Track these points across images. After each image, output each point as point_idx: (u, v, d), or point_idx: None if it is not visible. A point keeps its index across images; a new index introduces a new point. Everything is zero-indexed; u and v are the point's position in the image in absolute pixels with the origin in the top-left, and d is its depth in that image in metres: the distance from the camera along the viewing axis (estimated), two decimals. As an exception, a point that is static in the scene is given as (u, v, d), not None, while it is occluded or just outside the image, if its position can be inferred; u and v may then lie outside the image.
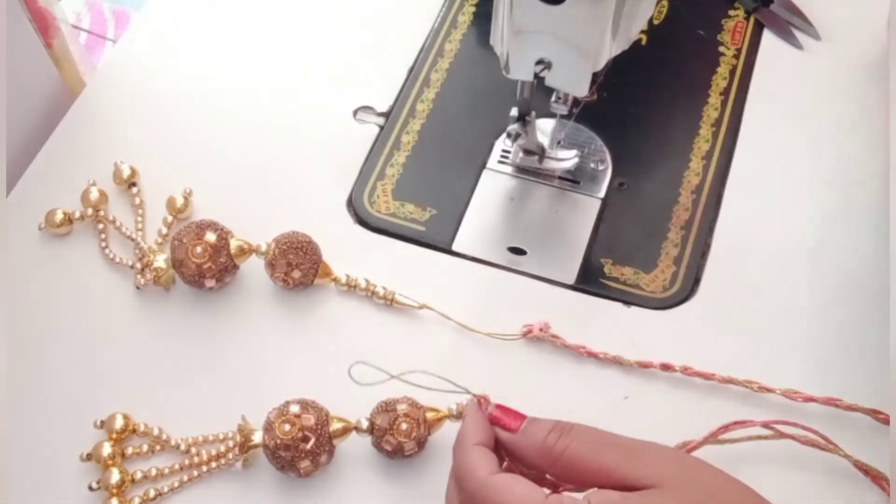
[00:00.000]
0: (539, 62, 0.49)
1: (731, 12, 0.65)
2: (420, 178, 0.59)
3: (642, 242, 0.55)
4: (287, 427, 0.47)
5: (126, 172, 0.58)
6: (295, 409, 0.47)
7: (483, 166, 0.59)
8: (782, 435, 0.47)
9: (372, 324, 0.54)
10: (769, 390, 0.49)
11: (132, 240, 0.56)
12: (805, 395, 0.49)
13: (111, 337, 0.54)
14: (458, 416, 0.48)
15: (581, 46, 0.47)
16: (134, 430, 0.50)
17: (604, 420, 0.40)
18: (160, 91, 0.63)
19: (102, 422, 0.50)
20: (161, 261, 0.54)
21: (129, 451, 0.49)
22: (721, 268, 0.55)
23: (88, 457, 0.49)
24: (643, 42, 0.64)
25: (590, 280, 0.54)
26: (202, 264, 0.52)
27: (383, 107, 0.61)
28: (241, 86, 0.63)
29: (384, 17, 0.66)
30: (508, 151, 0.59)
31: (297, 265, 0.53)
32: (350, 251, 0.55)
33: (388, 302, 0.53)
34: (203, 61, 0.64)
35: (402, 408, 0.47)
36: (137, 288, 0.54)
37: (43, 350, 0.53)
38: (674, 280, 0.54)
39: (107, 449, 0.49)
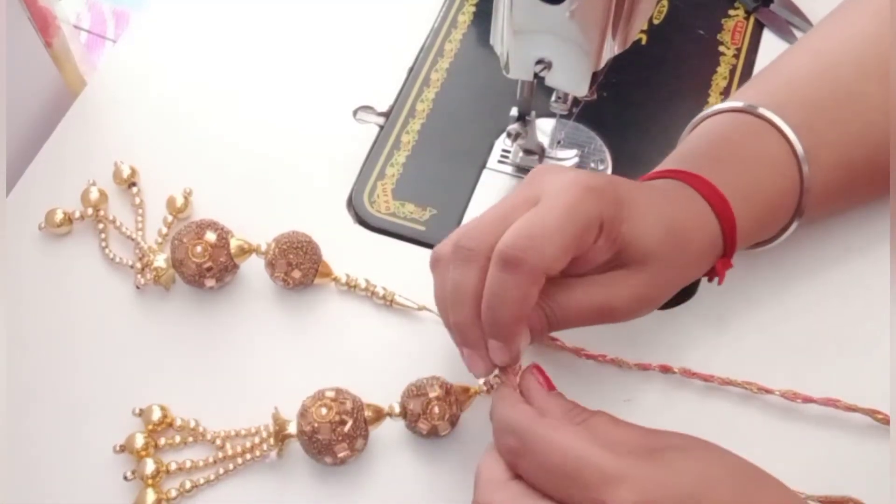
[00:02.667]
0: (539, 62, 0.49)
1: (731, 12, 0.65)
2: (420, 178, 0.59)
3: (642, 242, 0.55)
4: (324, 411, 0.47)
5: (126, 172, 0.58)
6: (330, 394, 0.48)
7: (483, 166, 0.59)
8: None
9: (372, 324, 0.54)
10: (768, 391, 0.49)
11: (132, 239, 0.56)
12: (804, 396, 0.49)
13: (111, 336, 0.54)
14: (489, 391, 0.49)
15: (581, 46, 0.47)
16: (171, 424, 0.50)
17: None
18: (160, 91, 0.63)
19: (141, 410, 0.50)
20: (161, 260, 0.54)
21: (162, 441, 0.50)
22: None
23: (122, 448, 0.49)
24: (643, 42, 0.64)
25: (590, 280, 0.54)
26: (202, 264, 0.52)
27: (383, 107, 0.61)
28: (241, 85, 0.63)
29: (384, 17, 0.66)
30: (508, 151, 0.59)
31: (297, 265, 0.53)
32: (350, 251, 0.55)
33: (388, 303, 0.53)
34: (203, 61, 0.64)
35: (433, 392, 0.48)
36: (137, 288, 0.54)
37: (43, 350, 0.53)
38: (674, 280, 0.54)
39: (139, 440, 0.49)
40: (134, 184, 0.58)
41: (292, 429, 0.48)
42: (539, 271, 0.41)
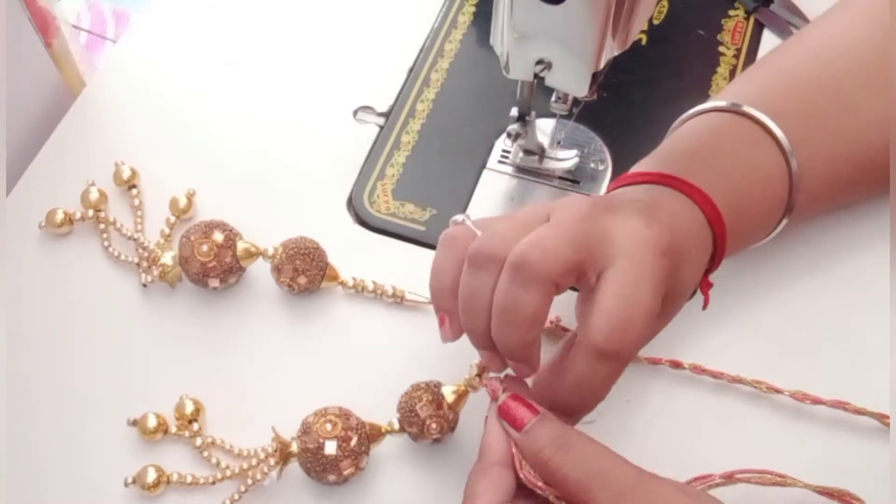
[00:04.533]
0: (539, 62, 0.49)
1: (731, 12, 0.65)
2: (420, 178, 0.59)
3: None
4: (329, 427, 0.46)
5: (126, 174, 0.58)
6: (335, 409, 0.47)
7: (483, 166, 0.59)
8: (738, 480, 0.45)
9: (382, 324, 0.54)
10: (778, 391, 0.49)
11: (134, 240, 0.56)
12: (814, 398, 0.49)
13: (112, 336, 0.54)
14: (475, 388, 0.47)
15: (581, 46, 0.47)
16: (166, 431, 0.50)
17: (611, 416, 0.41)
18: (160, 91, 0.63)
19: (136, 420, 0.50)
20: (168, 258, 0.54)
21: (175, 477, 0.48)
22: (721, 268, 0.55)
23: (133, 481, 0.48)
24: (643, 42, 0.64)
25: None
26: (207, 263, 0.52)
27: (383, 107, 0.61)
28: (241, 86, 0.63)
29: (384, 17, 0.66)
30: (508, 151, 0.59)
31: (304, 271, 0.52)
32: (350, 251, 0.55)
33: (398, 300, 0.53)
34: (203, 61, 0.64)
35: (424, 411, 0.47)
36: (144, 286, 0.54)
37: (44, 349, 0.53)
38: (674, 280, 0.54)
39: (152, 475, 0.48)
40: (134, 186, 0.58)
41: (295, 447, 0.47)
42: (548, 279, 0.40)
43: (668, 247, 0.42)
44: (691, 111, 0.52)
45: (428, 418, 0.47)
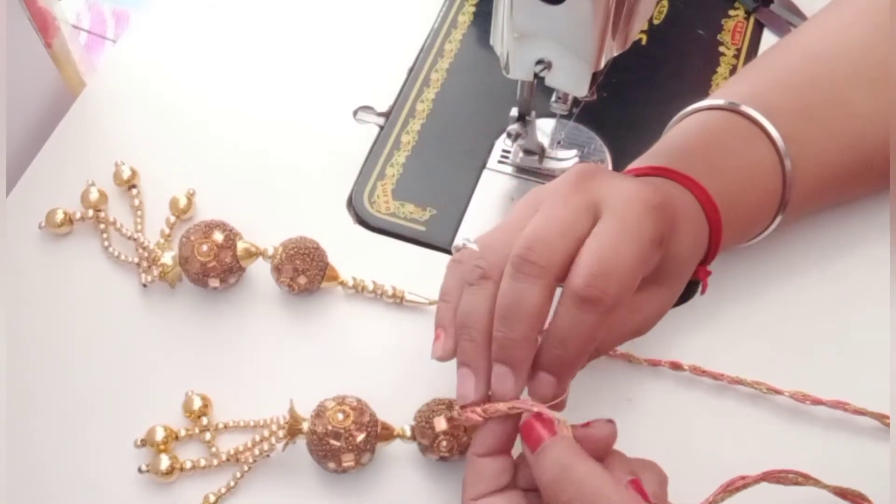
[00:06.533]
0: (539, 62, 0.49)
1: (731, 12, 0.65)
2: (420, 178, 0.59)
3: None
4: (341, 416, 0.47)
5: (126, 174, 0.58)
6: (352, 401, 0.47)
7: (483, 166, 0.59)
8: (764, 479, 0.45)
9: (382, 324, 0.54)
10: (778, 392, 0.49)
11: (134, 240, 0.56)
12: (813, 398, 0.49)
13: (113, 335, 0.54)
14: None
15: (581, 46, 0.47)
16: (176, 437, 0.50)
17: (611, 417, 0.41)
18: (160, 91, 0.63)
19: (143, 439, 0.49)
20: (168, 258, 0.54)
21: (182, 433, 0.50)
22: (721, 268, 0.55)
23: (143, 443, 0.49)
24: (643, 42, 0.64)
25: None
26: (206, 263, 0.52)
27: (383, 107, 0.61)
28: (241, 86, 0.63)
29: (384, 17, 0.66)
30: (508, 151, 0.59)
31: (304, 271, 0.52)
32: (350, 251, 0.55)
33: (398, 300, 0.53)
34: (203, 62, 0.64)
35: (440, 426, 0.47)
36: (144, 286, 0.54)
37: (44, 349, 0.53)
38: (674, 280, 0.54)
39: (160, 433, 0.49)
40: (134, 186, 0.58)
41: (305, 426, 0.47)
42: (615, 307, 0.40)
43: (660, 203, 0.42)
44: (685, 110, 0.53)
45: (442, 434, 0.47)
